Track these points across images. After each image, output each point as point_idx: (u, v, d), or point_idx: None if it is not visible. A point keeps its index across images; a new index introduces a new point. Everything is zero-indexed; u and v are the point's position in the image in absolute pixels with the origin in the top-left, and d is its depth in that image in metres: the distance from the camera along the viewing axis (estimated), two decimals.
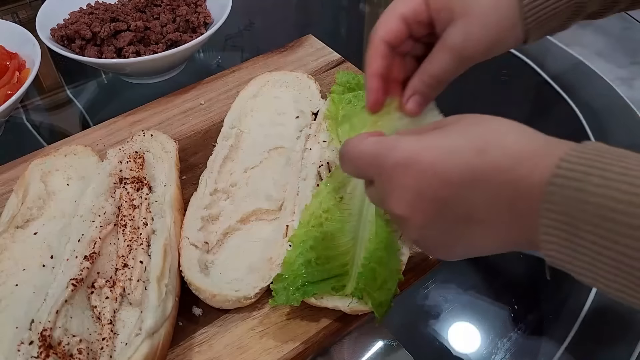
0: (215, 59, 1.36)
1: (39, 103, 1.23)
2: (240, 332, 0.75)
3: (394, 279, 0.72)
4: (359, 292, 0.73)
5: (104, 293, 0.73)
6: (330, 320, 0.75)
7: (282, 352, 0.72)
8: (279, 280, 0.74)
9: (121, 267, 0.75)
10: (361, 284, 0.72)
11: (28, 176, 0.87)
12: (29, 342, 0.65)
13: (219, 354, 0.73)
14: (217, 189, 0.88)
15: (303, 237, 0.77)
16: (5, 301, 0.72)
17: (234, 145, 0.95)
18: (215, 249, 0.82)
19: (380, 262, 0.73)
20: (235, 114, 1.01)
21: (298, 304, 0.72)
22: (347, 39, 1.49)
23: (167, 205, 0.82)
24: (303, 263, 0.75)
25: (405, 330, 0.79)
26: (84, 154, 0.93)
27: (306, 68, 1.17)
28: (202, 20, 1.21)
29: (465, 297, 0.83)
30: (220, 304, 0.75)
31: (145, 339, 0.66)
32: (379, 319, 0.70)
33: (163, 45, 1.16)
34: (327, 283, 0.74)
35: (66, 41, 1.16)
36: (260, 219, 0.86)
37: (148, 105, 1.11)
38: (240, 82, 1.14)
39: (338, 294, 0.73)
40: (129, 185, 0.84)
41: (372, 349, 0.76)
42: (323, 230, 0.78)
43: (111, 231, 0.79)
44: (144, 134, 0.95)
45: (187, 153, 1.00)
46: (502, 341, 0.78)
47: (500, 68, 0.87)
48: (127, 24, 1.15)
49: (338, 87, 1.00)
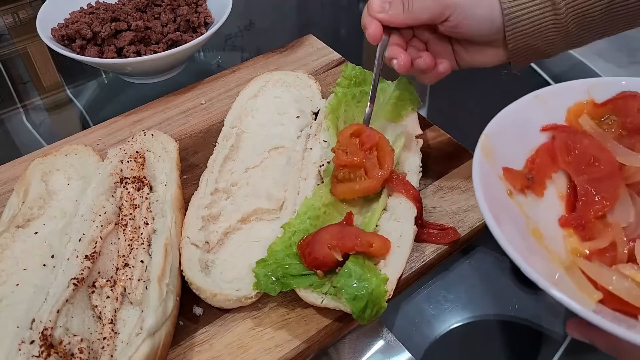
0: (215, 59, 1.36)
1: (39, 103, 1.23)
2: (240, 332, 0.75)
3: (372, 276, 0.71)
4: (335, 291, 0.72)
5: (104, 292, 0.73)
6: (331, 320, 0.75)
7: (282, 351, 0.72)
8: (261, 265, 0.74)
9: (122, 267, 0.75)
10: (337, 283, 0.71)
11: (29, 176, 0.88)
12: (30, 342, 0.65)
13: (220, 353, 0.73)
14: (217, 188, 0.88)
15: (295, 228, 0.78)
16: (6, 300, 0.73)
17: (234, 144, 0.95)
18: (216, 248, 0.82)
19: (355, 261, 0.73)
20: (235, 114, 1.01)
21: (275, 294, 0.73)
22: (347, 39, 1.49)
23: (167, 205, 0.82)
24: (289, 254, 0.75)
25: (405, 330, 0.79)
26: (84, 154, 0.93)
27: (307, 68, 1.18)
28: (202, 20, 1.21)
29: (465, 297, 0.83)
30: (221, 304, 0.75)
31: (146, 338, 0.66)
32: (357, 313, 0.69)
33: (164, 45, 1.16)
34: (307, 278, 0.74)
35: (67, 41, 1.16)
36: (261, 219, 0.86)
37: (148, 105, 1.11)
38: (241, 82, 1.14)
39: (316, 290, 0.73)
40: (130, 184, 0.84)
41: (372, 349, 0.76)
42: (316, 224, 0.78)
43: (112, 231, 0.80)
44: (144, 133, 0.95)
45: (187, 153, 1.01)
46: (502, 341, 0.78)
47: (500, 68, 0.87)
48: (127, 23, 1.16)
49: (344, 81, 0.99)
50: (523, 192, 0.68)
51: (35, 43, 1.38)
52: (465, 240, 0.86)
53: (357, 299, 0.69)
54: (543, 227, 0.66)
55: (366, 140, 0.83)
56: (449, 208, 0.89)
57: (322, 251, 0.73)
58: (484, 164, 0.66)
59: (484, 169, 0.65)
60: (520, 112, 0.72)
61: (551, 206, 0.71)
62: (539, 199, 0.70)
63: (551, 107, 0.74)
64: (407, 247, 0.77)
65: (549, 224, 0.68)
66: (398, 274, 0.74)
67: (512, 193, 0.67)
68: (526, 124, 0.73)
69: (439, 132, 1.02)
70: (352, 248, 0.73)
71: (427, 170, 0.94)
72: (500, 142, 0.69)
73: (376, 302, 0.70)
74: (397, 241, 0.77)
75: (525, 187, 0.69)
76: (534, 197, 0.70)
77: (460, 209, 0.88)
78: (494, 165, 0.67)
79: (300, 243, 0.75)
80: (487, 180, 0.64)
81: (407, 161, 0.91)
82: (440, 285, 0.84)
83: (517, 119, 0.72)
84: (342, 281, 0.70)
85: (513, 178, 0.68)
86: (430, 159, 0.96)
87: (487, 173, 0.65)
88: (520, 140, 0.72)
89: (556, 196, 0.72)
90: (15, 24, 1.46)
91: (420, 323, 0.80)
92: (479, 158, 0.66)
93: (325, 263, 0.73)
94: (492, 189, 0.65)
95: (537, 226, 0.66)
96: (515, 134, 0.72)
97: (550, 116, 0.74)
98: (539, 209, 0.69)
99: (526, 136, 0.73)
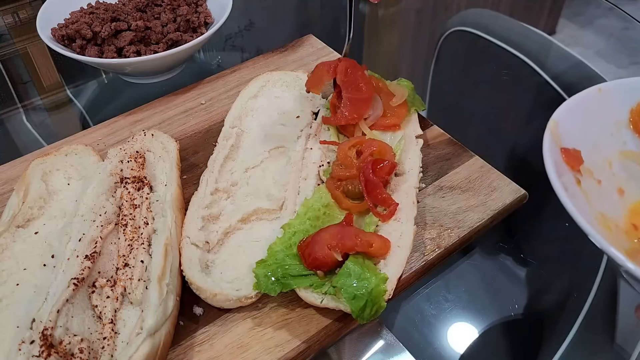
0: (215, 59, 1.36)
1: (39, 103, 1.23)
2: (241, 332, 0.75)
3: (372, 276, 0.72)
4: (335, 291, 0.72)
5: (104, 292, 0.73)
6: (331, 320, 0.75)
7: (282, 351, 0.72)
8: (261, 266, 0.74)
9: (122, 267, 0.75)
10: (336, 283, 0.71)
11: (29, 176, 0.87)
12: (30, 342, 0.65)
13: (220, 353, 0.73)
14: (217, 188, 0.88)
15: (295, 228, 0.78)
16: (6, 300, 0.72)
17: (234, 144, 0.95)
18: (216, 248, 0.82)
19: (354, 260, 0.73)
20: (235, 114, 1.01)
21: (275, 294, 0.73)
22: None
23: (167, 205, 0.82)
24: (289, 255, 0.75)
25: (405, 330, 0.79)
26: (84, 154, 0.93)
27: (307, 68, 1.17)
28: (202, 20, 1.21)
29: (465, 297, 0.83)
30: (221, 304, 0.75)
31: (147, 338, 0.66)
32: (356, 312, 0.69)
33: (164, 45, 1.16)
34: (307, 279, 0.74)
35: (67, 41, 1.16)
36: (261, 219, 0.86)
37: (149, 105, 1.11)
38: (241, 82, 1.14)
39: (315, 290, 0.73)
40: (130, 184, 0.84)
41: (372, 349, 0.76)
42: (316, 225, 0.78)
43: (112, 230, 0.80)
44: (144, 133, 0.95)
45: (187, 152, 1.01)
46: (502, 341, 0.78)
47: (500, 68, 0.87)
48: (127, 23, 1.16)
49: None
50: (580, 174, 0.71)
51: (35, 43, 1.38)
52: (466, 240, 0.86)
53: (356, 298, 0.69)
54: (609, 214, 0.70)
55: (364, 150, 0.85)
56: (449, 208, 0.89)
57: (322, 251, 0.73)
58: (553, 146, 0.69)
59: (553, 150, 0.68)
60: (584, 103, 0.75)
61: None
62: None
63: (615, 104, 0.78)
64: (407, 247, 0.77)
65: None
66: (398, 274, 0.74)
67: (580, 181, 0.69)
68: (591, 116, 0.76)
69: (439, 132, 1.02)
70: (352, 248, 0.73)
71: (427, 170, 0.95)
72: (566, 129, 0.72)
73: (375, 302, 0.70)
74: (397, 241, 0.77)
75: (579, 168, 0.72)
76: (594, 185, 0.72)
77: (460, 209, 0.88)
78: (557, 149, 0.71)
79: (300, 244, 0.75)
80: (556, 163, 0.67)
81: (407, 161, 0.91)
82: (440, 285, 0.84)
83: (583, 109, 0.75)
84: (341, 281, 0.70)
85: (571, 159, 0.70)
86: (430, 159, 0.97)
87: (556, 156, 0.68)
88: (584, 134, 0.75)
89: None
90: (15, 24, 1.46)
91: (420, 323, 0.80)
92: (548, 142, 0.68)
93: (325, 263, 0.73)
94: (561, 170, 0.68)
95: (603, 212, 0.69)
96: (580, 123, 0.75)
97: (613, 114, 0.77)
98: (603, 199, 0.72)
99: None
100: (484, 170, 0.94)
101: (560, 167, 0.68)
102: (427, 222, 0.87)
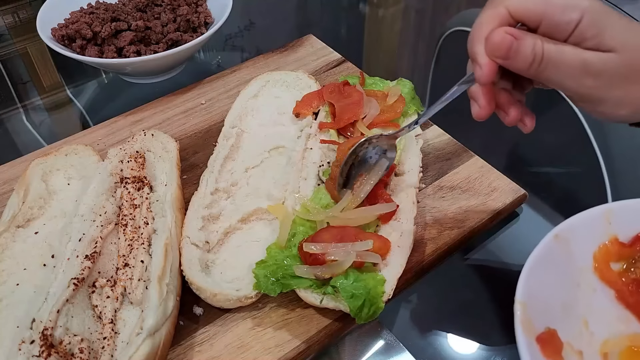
0: (215, 59, 1.36)
1: (39, 103, 1.23)
2: (241, 332, 0.75)
3: (369, 277, 0.72)
4: (334, 291, 0.72)
5: (105, 292, 0.73)
6: (331, 320, 0.75)
7: (282, 351, 0.72)
8: (261, 267, 0.74)
9: (122, 267, 0.75)
10: (335, 282, 0.71)
11: (29, 176, 0.87)
12: (30, 342, 0.65)
13: (220, 353, 0.73)
14: (218, 188, 0.88)
15: (294, 230, 0.78)
16: (6, 300, 0.72)
17: (234, 144, 0.95)
18: (216, 248, 0.82)
19: None
20: (235, 114, 1.01)
21: (275, 295, 0.73)
22: (347, 39, 1.49)
23: (167, 205, 0.82)
24: (289, 255, 0.75)
25: (405, 330, 0.79)
26: (84, 154, 0.93)
27: (307, 68, 1.18)
28: (202, 20, 1.21)
29: (465, 297, 0.83)
30: (221, 304, 0.75)
31: (147, 338, 0.66)
32: (354, 311, 0.69)
33: (164, 44, 1.16)
34: (307, 279, 0.74)
35: (67, 41, 1.16)
36: (261, 219, 0.86)
37: (149, 105, 1.11)
38: (241, 82, 1.14)
39: (315, 291, 0.73)
40: (130, 184, 0.84)
41: (372, 349, 0.76)
42: (315, 227, 0.78)
43: (112, 230, 0.80)
44: (144, 133, 0.95)
45: (187, 152, 1.01)
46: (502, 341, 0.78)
47: None
48: (127, 23, 1.16)
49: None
50: None
51: (35, 43, 1.38)
52: (465, 240, 0.86)
53: (354, 297, 0.69)
54: None
55: None
56: (449, 208, 0.89)
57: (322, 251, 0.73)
58: (530, 340, 0.63)
59: (530, 347, 0.62)
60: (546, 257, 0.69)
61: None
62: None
63: (575, 249, 0.71)
64: (407, 247, 0.77)
65: None
66: (398, 274, 0.74)
67: None
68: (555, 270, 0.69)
69: (439, 132, 1.02)
70: None
71: (427, 170, 0.95)
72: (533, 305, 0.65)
73: (373, 302, 0.70)
74: (397, 241, 0.77)
75: None
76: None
77: (460, 209, 0.88)
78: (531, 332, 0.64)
79: (300, 244, 0.75)
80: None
81: (407, 161, 0.91)
82: (440, 286, 0.84)
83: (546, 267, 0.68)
84: (340, 280, 0.71)
85: (549, 349, 0.65)
86: (430, 159, 0.97)
87: (535, 354, 0.62)
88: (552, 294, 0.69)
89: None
90: (15, 24, 1.46)
91: (420, 323, 0.80)
92: (523, 337, 0.62)
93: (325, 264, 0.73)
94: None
95: None
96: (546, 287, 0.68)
97: (575, 261, 0.71)
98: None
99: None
100: (484, 170, 0.94)
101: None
102: (427, 222, 0.87)
